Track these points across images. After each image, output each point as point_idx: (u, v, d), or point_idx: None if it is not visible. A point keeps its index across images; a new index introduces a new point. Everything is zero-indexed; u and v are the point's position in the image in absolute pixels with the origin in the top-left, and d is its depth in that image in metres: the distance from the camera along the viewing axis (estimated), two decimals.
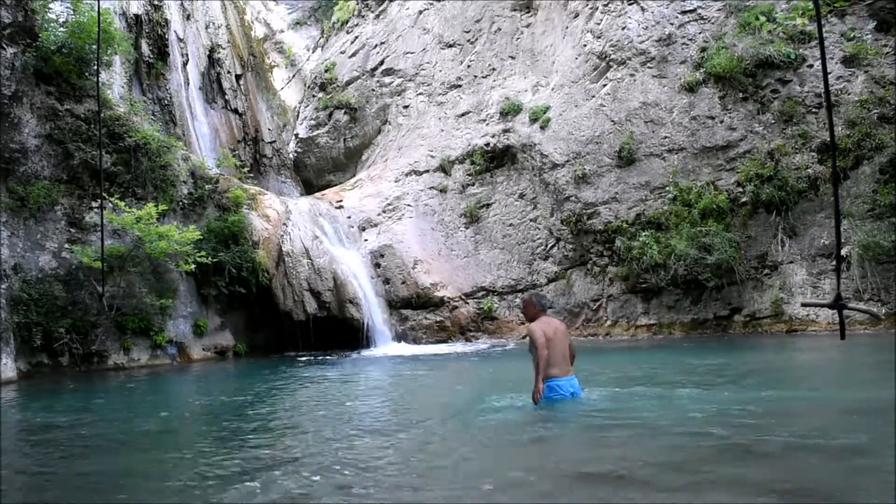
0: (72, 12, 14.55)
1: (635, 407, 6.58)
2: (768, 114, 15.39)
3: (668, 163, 16.22)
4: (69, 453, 5.94)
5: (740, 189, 15.16)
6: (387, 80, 23.45)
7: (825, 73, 3.51)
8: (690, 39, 17.03)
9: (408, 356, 14.52)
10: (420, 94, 22.58)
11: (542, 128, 18.29)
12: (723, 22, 16.86)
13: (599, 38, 18.32)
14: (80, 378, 12.11)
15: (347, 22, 26.45)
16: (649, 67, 17.17)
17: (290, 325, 16.83)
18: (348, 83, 24.25)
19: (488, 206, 19.06)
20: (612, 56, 17.80)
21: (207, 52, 23.23)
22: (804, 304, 13.28)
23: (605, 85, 17.77)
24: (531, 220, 18.39)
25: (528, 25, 21.10)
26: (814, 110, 14.99)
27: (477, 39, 22.01)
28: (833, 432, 5.18)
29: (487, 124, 20.08)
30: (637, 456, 4.71)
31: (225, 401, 9.19)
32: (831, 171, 13.30)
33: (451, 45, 22.48)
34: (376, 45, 24.24)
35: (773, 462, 4.43)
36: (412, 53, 23.22)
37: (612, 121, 17.18)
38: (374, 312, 17.01)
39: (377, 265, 18.07)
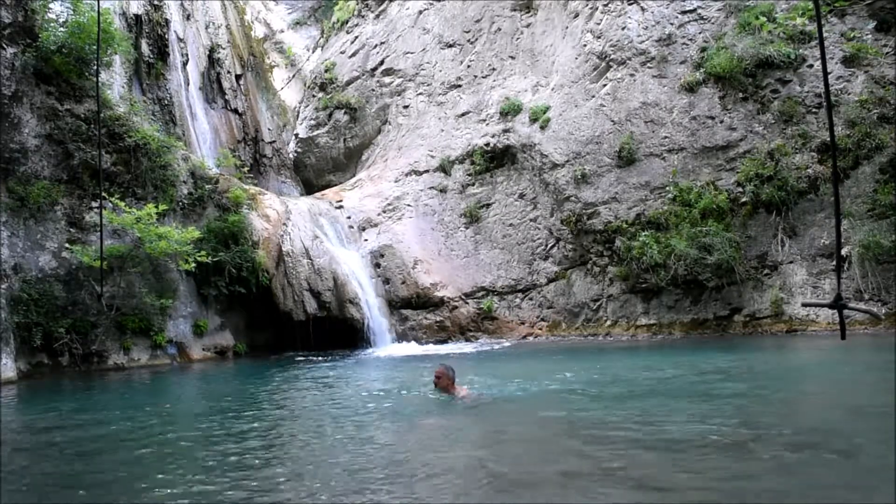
0: (72, 12, 14.54)
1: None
2: (768, 114, 15.39)
3: (668, 163, 16.22)
4: (69, 453, 5.93)
5: (740, 189, 15.16)
6: (387, 80, 23.45)
7: (825, 73, 3.51)
8: (690, 39, 17.03)
9: (408, 356, 14.51)
10: (420, 94, 22.58)
11: (542, 128, 18.29)
12: (723, 22, 16.86)
13: (599, 38, 18.32)
14: (79, 378, 12.11)
15: (347, 22, 26.45)
16: (649, 67, 17.18)
17: (290, 326, 16.83)
18: (348, 83, 24.25)
19: (488, 206, 19.06)
20: (612, 56, 17.81)
21: (207, 52, 23.22)
22: (804, 304, 13.30)
23: (605, 85, 17.77)
24: (531, 220, 18.39)
25: (528, 25, 21.10)
26: (814, 110, 14.99)
27: (477, 39, 22.01)
28: (834, 431, 5.19)
29: (487, 124, 20.07)
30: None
31: (226, 401, 9.18)
32: (831, 171, 13.31)
33: (451, 45, 22.49)
34: (376, 45, 24.24)
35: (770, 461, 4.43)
36: (412, 53, 23.22)
37: (612, 121, 17.18)
38: (373, 312, 17.01)
39: (377, 265, 18.07)
